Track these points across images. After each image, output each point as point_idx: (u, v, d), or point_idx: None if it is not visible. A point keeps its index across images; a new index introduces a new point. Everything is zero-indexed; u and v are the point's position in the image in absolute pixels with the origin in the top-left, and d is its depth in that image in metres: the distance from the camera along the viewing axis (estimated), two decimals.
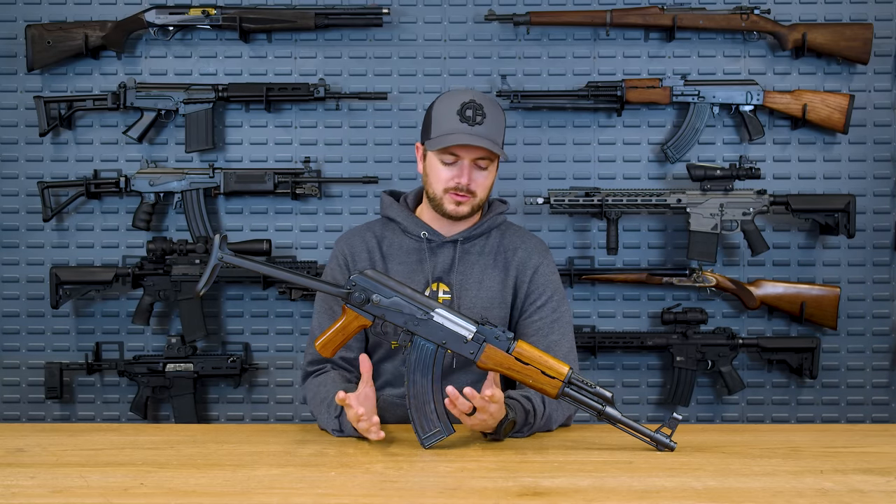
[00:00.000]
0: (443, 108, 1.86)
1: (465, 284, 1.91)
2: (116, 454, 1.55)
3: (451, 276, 1.91)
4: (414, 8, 2.94)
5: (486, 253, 1.96)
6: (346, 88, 2.93)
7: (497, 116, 1.87)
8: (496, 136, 1.86)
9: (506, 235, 2.00)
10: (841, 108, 2.82)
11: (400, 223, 1.96)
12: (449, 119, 1.84)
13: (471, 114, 1.82)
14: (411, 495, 1.28)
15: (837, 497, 1.26)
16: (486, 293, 1.92)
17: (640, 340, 2.85)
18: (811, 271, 2.93)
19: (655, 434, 1.57)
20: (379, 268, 1.93)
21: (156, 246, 2.80)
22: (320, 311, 1.93)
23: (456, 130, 1.82)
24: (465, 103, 1.83)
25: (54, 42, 2.85)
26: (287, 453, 1.56)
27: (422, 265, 1.92)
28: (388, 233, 1.98)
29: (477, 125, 1.82)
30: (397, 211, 1.97)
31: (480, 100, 1.85)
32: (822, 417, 2.95)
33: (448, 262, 1.92)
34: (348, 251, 1.97)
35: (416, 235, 1.94)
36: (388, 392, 1.90)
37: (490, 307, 1.90)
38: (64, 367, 2.88)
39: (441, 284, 1.91)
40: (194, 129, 2.86)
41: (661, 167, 2.94)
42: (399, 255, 1.95)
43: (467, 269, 1.93)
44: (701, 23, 2.84)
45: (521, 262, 1.95)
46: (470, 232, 1.95)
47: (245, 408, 2.98)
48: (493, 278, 1.93)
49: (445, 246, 1.94)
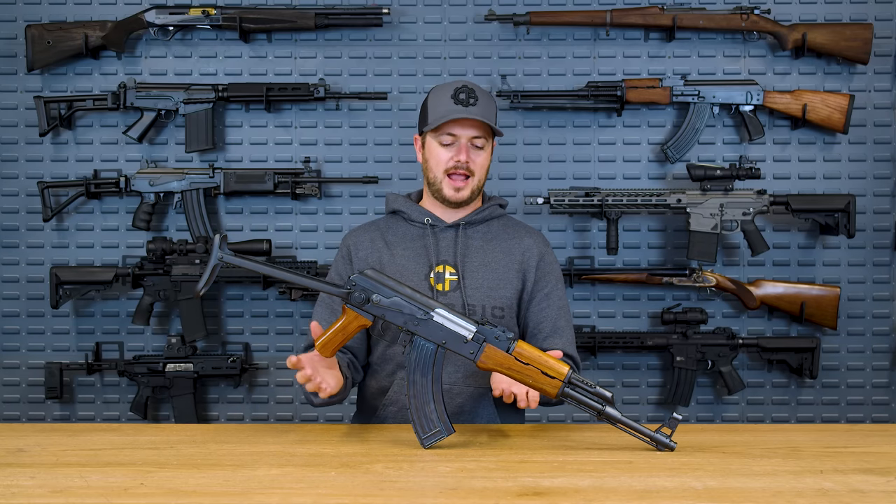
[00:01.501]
0: (438, 95, 1.96)
1: (471, 266, 1.96)
2: (116, 454, 1.55)
3: (456, 258, 1.96)
4: (414, 8, 2.94)
5: (489, 238, 2.02)
6: (346, 88, 2.93)
7: (489, 101, 1.96)
8: (490, 116, 1.94)
9: (507, 226, 2.06)
10: (841, 108, 2.82)
11: (404, 212, 2.02)
12: (444, 103, 1.93)
13: (464, 96, 1.92)
14: (411, 495, 1.28)
15: (837, 497, 1.26)
16: (492, 273, 1.97)
17: (640, 340, 2.85)
18: (811, 271, 2.93)
19: (655, 434, 1.57)
20: (384, 256, 1.98)
21: (156, 246, 2.80)
22: (320, 304, 1.98)
23: (451, 111, 1.91)
24: (458, 88, 1.93)
25: (54, 42, 2.85)
26: (287, 453, 1.56)
27: (426, 249, 1.97)
28: (393, 224, 2.04)
29: (471, 106, 1.91)
30: (402, 202, 2.05)
31: (472, 86, 1.94)
32: (822, 417, 2.95)
33: (451, 244, 1.97)
34: (352, 244, 2.03)
35: (419, 222, 2.01)
36: (401, 375, 1.91)
37: (496, 287, 1.95)
38: (64, 367, 2.88)
39: (447, 266, 1.95)
40: (194, 129, 2.86)
41: (661, 167, 2.94)
42: (404, 241, 2.00)
43: (471, 252, 1.98)
44: (701, 23, 2.84)
45: (527, 248, 2.01)
46: (471, 217, 2.01)
47: (245, 408, 2.98)
48: (499, 261, 1.98)
49: (448, 230, 1.99)
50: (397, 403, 1.92)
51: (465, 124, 1.92)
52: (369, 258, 1.98)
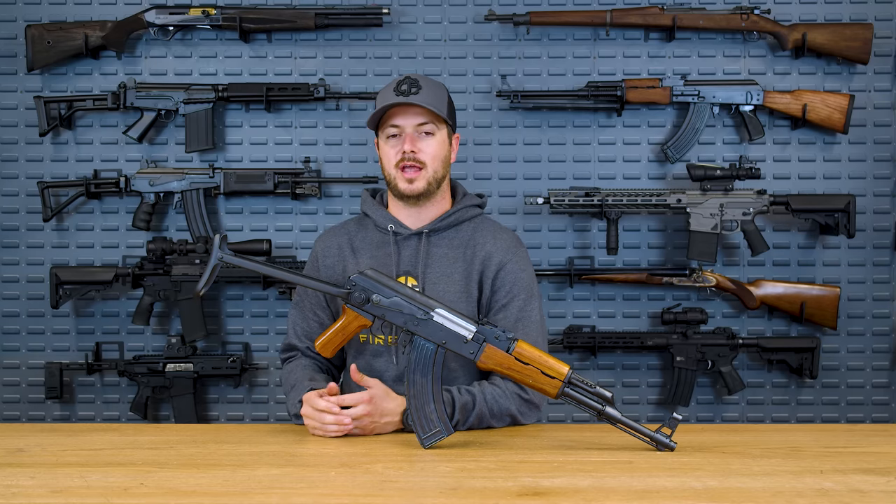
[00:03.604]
0: (382, 91, 1.91)
1: (432, 278, 1.90)
2: (116, 454, 1.55)
3: (417, 268, 1.91)
4: (414, 8, 2.94)
5: (454, 246, 1.94)
6: (346, 88, 2.93)
7: (436, 89, 1.90)
8: (435, 103, 1.87)
9: (478, 230, 1.98)
10: (841, 108, 2.82)
11: (371, 217, 1.98)
12: (386, 96, 1.88)
13: (405, 87, 1.86)
14: (411, 495, 1.28)
15: (837, 497, 1.26)
16: (453, 286, 1.90)
17: (640, 340, 2.85)
18: (811, 271, 2.93)
19: (655, 434, 1.57)
20: (348, 263, 1.95)
21: (156, 246, 2.80)
22: (295, 307, 1.99)
23: (389, 100, 1.86)
24: (400, 80, 1.88)
25: (54, 42, 2.85)
26: (287, 453, 1.56)
27: (388, 258, 1.92)
28: (362, 228, 2.00)
29: (412, 94, 1.85)
30: (370, 206, 2.00)
31: (417, 77, 1.89)
32: (822, 417, 2.95)
33: (413, 254, 1.93)
34: (319, 250, 2.01)
35: (383, 228, 1.96)
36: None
37: (456, 301, 1.87)
38: (64, 367, 2.88)
39: (410, 278, 1.91)
40: (194, 129, 2.86)
41: (661, 167, 2.94)
42: (369, 249, 1.96)
43: (433, 262, 1.92)
44: (701, 23, 2.84)
45: (485, 259, 1.92)
46: (436, 224, 1.94)
47: (245, 408, 2.98)
48: (461, 271, 1.92)
49: (411, 239, 1.94)
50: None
51: (406, 113, 1.86)
52: (336, 266, 1.96)
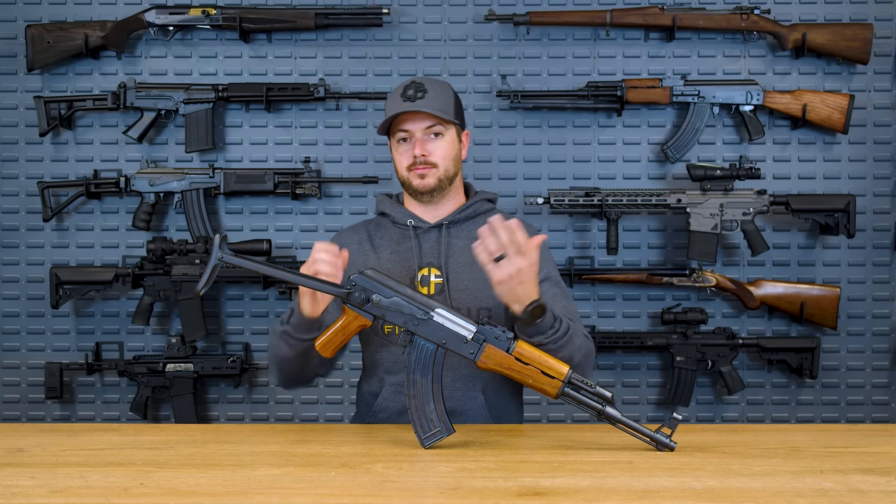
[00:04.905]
0: (390, 97, 1.95)
1: (456, 268, 1.93)
2: (116, 454, 1.55)
3: (440, 259, 1.94)
4: (414, 8, 2.94)
5: (473, 237, 1.90)
6: (346, 88, 2.93)
7: (442, 91, 1.92)
8: (441, 107, 1.90)
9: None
10: (841, 108, 2.82)
11: (389, 215, 2.01)
12: (394, 102, 1.91)
13: (411, 92, 1.89)
14: (411, 495, 1.28)
15: (837, 497, 1.26)
16: (478, 273, 1.85)
17: (640, 340, 2.85)
18: (811, 271, 2.93)
19: (655, 434, 1.57)
20: (369, 258, 1.97)
21: (156, 246, 2.80)
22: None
23: (397, 107, 1.89)
24: (407, 85, 1.91)
25: (54, 42, 2.85)
26: (287, 453, 1.56)
27: (410, 252, 1.95)
28: (380, 228, 2.03)
29: (418, 100, 1.88)
30: (387, 204, 2.03)
31: (422, 80, 1.92)
32: (822, 417, 2.95)
33: (435, 245, 1.95)
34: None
35: (402, 224, 1.99)
36: (391, 381, 1.91)
37: (482, 287, 1.85)
38: (64, 367, 2.88)
39: (432, 269, 1.93)
40: (194, 129, 2.86)
41: (661, 167, 2.94)
42: (389, 245, 1.99)
43: (455, 253, 1.95)
44: (701, 23, 2.84)
45: None
46: (454, 216, 1.98)
47: (245, 408, 2.98)
48: None
49: (431, 231, 1.97)
50: (387, 410, 1.90)
51: (415, 118, 1.90)
52: (356, 261, 1.97)
